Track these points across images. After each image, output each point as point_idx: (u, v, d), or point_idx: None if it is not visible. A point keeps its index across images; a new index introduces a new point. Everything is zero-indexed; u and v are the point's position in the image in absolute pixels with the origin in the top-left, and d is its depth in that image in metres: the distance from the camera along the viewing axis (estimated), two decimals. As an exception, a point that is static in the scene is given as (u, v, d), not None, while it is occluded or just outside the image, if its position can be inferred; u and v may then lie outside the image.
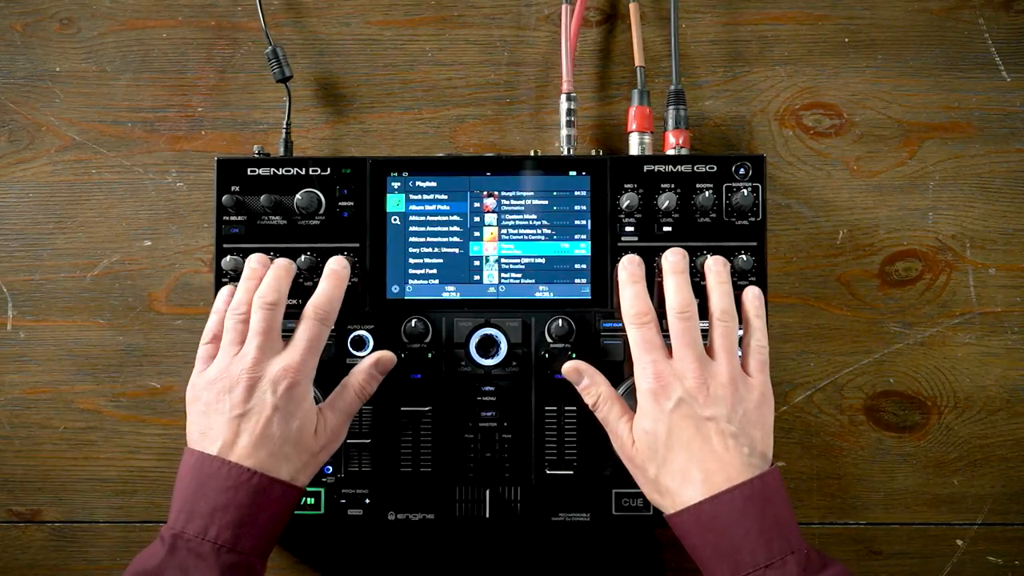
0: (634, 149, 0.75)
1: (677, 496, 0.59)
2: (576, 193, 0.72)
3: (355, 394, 0.67)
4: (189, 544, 0.58)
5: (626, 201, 0.71)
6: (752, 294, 0.67)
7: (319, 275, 0.71)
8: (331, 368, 0.71)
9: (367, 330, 0.71)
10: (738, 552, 0.56)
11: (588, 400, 0.66)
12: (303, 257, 0.71)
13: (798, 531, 0.58)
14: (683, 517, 0.59)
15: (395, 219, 0.72)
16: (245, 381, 0.62)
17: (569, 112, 0.75)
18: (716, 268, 0.67)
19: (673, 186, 0.71)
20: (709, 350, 0.64)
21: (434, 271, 0.72)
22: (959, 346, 0.77)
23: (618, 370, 0.70)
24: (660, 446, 0.60)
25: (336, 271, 0.68)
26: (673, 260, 0.66)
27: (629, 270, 0.67)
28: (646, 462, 0.61)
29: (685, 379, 0.61)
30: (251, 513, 0.59)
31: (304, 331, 0.65)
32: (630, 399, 0.68)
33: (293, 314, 0.71)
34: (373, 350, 0.71)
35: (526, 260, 0.72)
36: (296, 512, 0.70)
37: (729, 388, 0.61)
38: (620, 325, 0.71)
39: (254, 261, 0.68)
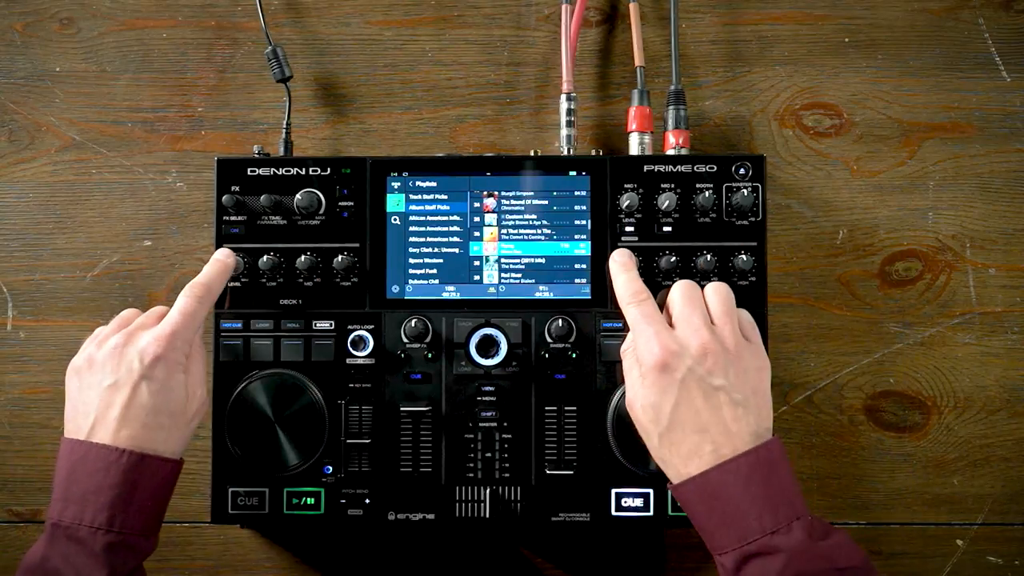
0: (634, 149, 0.75)
1: (682, 467, 0.59)
2: (576, 193, 0.72)
3: (199, 355, 0.66)
4: (67, 531, 0.58)
5: (626, 201, 0.71)
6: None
7: (319, 275, 0.71)
8: (331, 369, 0.71)
9: (367, 330, 0.71)
10: (745, 519, 0.56)
11: (624, 345, 0.65)
12: (303, 257, 0.71)
13: (803, 498, 0.58)
14: (689, 487, 0.58)
15: (395, 219, 0.72)
16: (113, 349, 0.62)
17: (569, 112, 0.75)
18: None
19: (673, 186, 0.71)
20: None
21: (434, 271, 0.72)
22: (959, 346, 0.77)
23: (618, 370, 0.70)
24: (664, 417, 0.59)
25: (219, 260, 0.69)
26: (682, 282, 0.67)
27: (620, 260, 0.68)
28: (649, 430, 0.61)
29: (691, 346, 0.60)
30: (125, 492, 0.59)
31: (177, 304, 0.65)
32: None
33: (294, 314, 0.71)
34: (373, 350, 0.71)
35: (526, 260, 0.72)
36: (296, 512, 0.70)
37: (735, 354, 0.61)
38: (620, 325, 0.71)
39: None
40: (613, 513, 0.70)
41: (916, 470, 0.77)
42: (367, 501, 0.71)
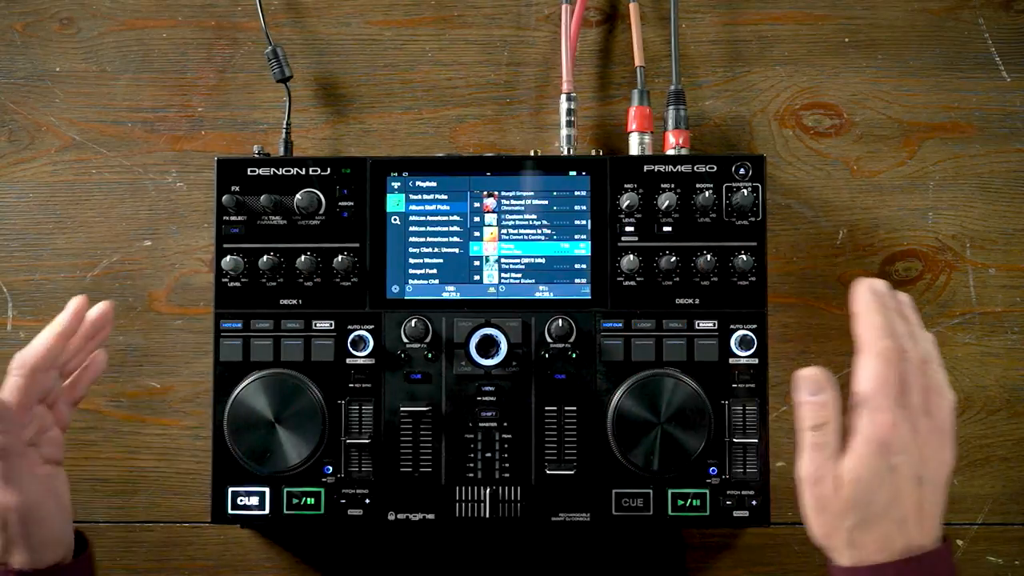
0: (634, 149, 0.75)
1: (868, 556, 0.54)
2: (576, 193, 0.72)
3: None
4: None
5: (626, 201, 0.71)
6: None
7: (318, 275, 0.71)
8: (331, 369, 0.71)
9: (367, 330, 0.71)
10: None
11: (812, 419, 0.56)
12: (303, 257, 0.71)
13: None
14: (864, 574, 0.54)
15: (395, 219, 0.72)
16: None
17: (569, 112, 0.75)
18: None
19: (673, 186, 0.71)
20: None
21: (434, 271, 0.72)
22: (959, 346, 0.77)
23: (618, 370, 0.70)
24: (872, 501, 0.54)
25: (58, 320, 0.62)
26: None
27: (875, 293, 0.58)
28: (847, 511, 0.54)
29: (916, 433, 0.55)
30: None
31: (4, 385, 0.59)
32: (629, 399, 0.68)
33: (294, 314, 0.71)
34: (373, 350, 0.71)
35: (526, 260, 0.72)
36: (296, 512, 0.70)
37: (940, 448, 0.56)
38: (619, 325, 0.71)
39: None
40: (613, 513, 0.70)
41: (916, 470, 0.77)
42: (367, 501, 0.71)
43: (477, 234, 0.72)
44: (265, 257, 0.71)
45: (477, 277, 0.72)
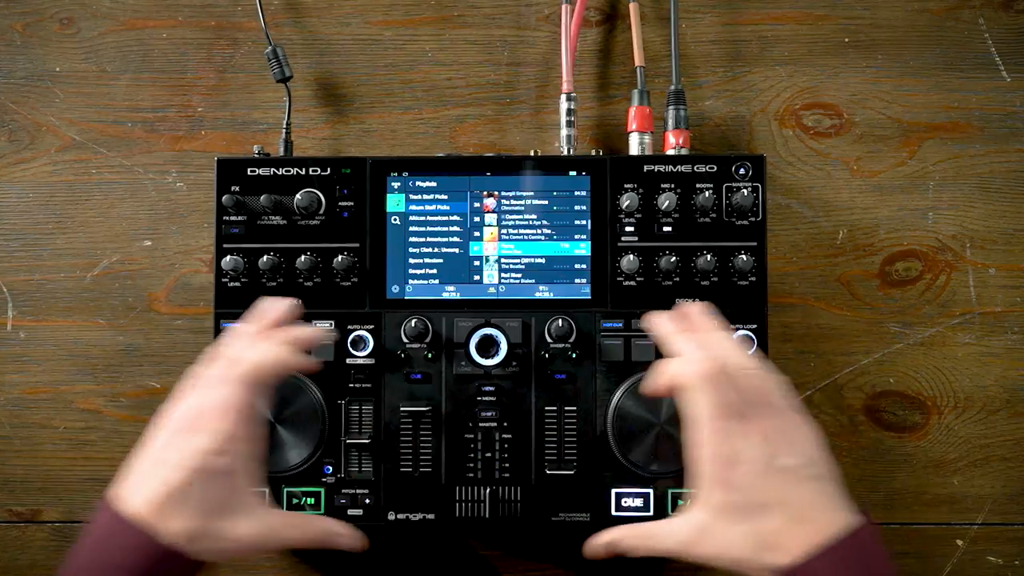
0: (634, 149, 0.75)
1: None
2: (576, 193, 0.72)
3: None
4: None
5: (626, 201, 0.71)
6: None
7: (319, 275, 0.71)
8: (331, 369, 0.71)
9: (367, 330, 0.71)
10: None
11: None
12: (303, 257, 0.71)
13: None
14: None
15: (395, 219, 0.72)
16: None
17: (569, 112, 0.75)
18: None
19: (673, 186, 0.71)
20: None
21: (434, 271, 0.72)
22: (959, 346, 0.77)
23: (618, 370, 0.70)
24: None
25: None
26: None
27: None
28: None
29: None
30: None
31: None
32: (629, 399, 0.68)
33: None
34: (373, 350, 0.71)
35: (526, 260, 0.72)
36: (297, 512, 0.70)
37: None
38: (619, 325, 0.71)
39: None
40: (613, 513, 0.70)
41: (916, 470, 0.77)
42: (367, 501, 0.71)
43: (477, 234, 0.72)
44: (265, 257, 0.71)
45: (477, 277, 0.72)
